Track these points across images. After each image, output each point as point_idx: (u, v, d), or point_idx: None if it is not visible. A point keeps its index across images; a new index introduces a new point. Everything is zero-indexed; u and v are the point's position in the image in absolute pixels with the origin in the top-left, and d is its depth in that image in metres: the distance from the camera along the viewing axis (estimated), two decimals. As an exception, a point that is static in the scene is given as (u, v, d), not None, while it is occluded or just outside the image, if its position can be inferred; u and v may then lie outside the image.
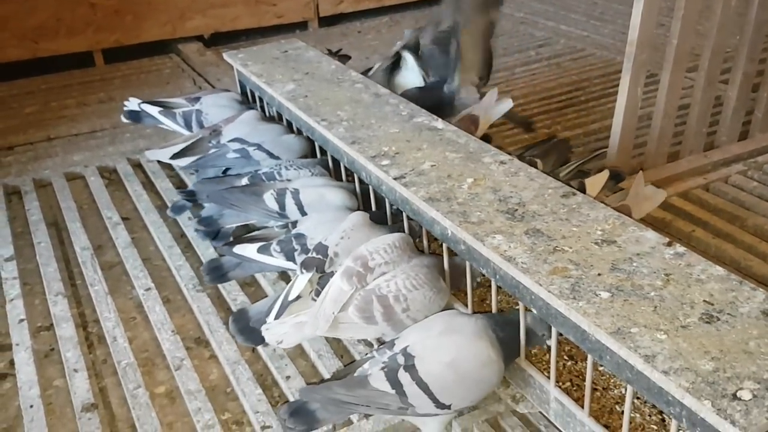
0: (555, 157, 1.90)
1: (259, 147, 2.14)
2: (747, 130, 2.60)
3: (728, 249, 1.98)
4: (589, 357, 1.20)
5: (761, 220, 2.11)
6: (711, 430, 0.96)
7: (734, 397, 0.95)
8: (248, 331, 1.64)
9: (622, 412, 1.23)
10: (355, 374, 1.35)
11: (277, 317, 1.59)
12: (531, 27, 4.12)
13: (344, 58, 2.73)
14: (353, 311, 1.49)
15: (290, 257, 1.70)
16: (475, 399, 1.37)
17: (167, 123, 2.47)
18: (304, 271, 1.62)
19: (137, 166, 2.72)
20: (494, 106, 2.23)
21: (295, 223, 1.82)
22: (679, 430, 1.07)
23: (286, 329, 1.54)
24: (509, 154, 1.73)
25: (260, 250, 1.74)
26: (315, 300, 1.55)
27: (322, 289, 1.54)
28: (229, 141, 2.20)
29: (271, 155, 2.12)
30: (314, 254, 1.65)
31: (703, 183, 2.32)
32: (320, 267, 1.62)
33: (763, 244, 2.00)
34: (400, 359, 1.32)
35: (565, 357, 1.50)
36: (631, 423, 1.32)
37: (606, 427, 1.30)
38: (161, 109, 2.47)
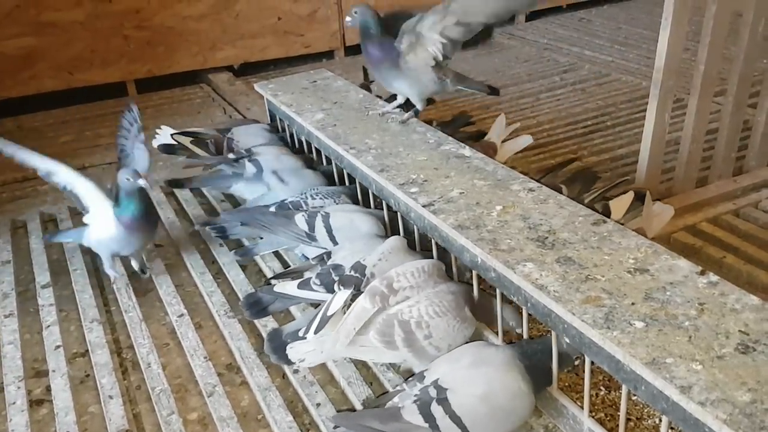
0: (580, 186, 1.90)
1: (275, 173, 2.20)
2: (776, 155, 2.58)
3: (760, 275, 1.96)
4: (624, 387, 1.19)
5: (794, 246, 2.08)
6: (750, 463, 0.95)
7: (773, 429, 0.94)
8: (282, 349, 1.66)
9: (658, 442, 1.22)
10: (387, 406, 1.35)
11: (316, 332, 1.60)
12: (555, 53, 4.14)
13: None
14: (374, 335, 1.50)
15: (330, 289, 1.72)
16: (507, 431, 1.37)
17: (200, 153, 2.52)
18: (342, 287, 1.64)
19: (170, 194, 2.78)
20: (514, 141, 2.26)
21: (329, 255, 1.85)
22: (716, 462, 1.06)
23: (310, 348, 1.56)
24: (537, 180, 1.74)
25: (300, 286, 1.76)
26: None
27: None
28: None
29: (282, 181, 2.19)
30: (352, 272, 1.68)
31: (733, 208, 2.31)
32: (358, 285, 1.65)
33: (796, 270, 1.98)
34: (432, 392, 1.32)
35: (600, 386, 1.49)
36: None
37: (641, 458, 1.29)
38: (193, 139, 2.52)
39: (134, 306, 2.05)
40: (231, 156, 2.37)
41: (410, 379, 1.41)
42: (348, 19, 2.03)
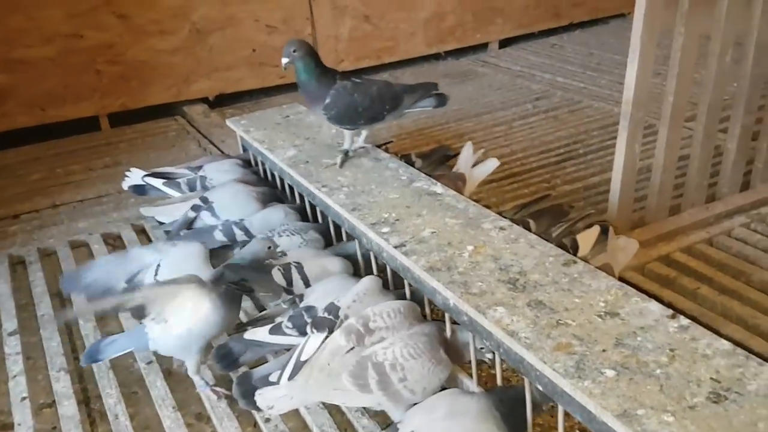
0: (548, 221, 1.90)
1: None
2: (748, 181, 2.60)
3: (735, 306, 1.96)
4: (560, 409, 1.17)
5: (767, 275, 2.08)
6: None
7: (746, 484, 0.92)
8: (251, 394, 1.61)
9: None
10: None
11: (290, 378, 1.57)
12: (528, 80, 4.17)
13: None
14: (347, 377, 1.47)
15: (303, 332, 1.68)
16: None
17: (172, 193, 2.48)
18: (314, 331, 1.61)
19: (141, 232, 2.73)
20: (481, 165, 2.26)
21: (301, 297, 1.82)
22: None
23: (280, 394, 1.53)
24: (506, 217, 1.73)
25: (272, 332, 1.71)
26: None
27: None
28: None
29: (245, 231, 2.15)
30: (326, 314, 1.65)
31: (707, 237, 2.31)
32: (332, 328, 1.61)
33: (770, 299, 1.98)
34: None
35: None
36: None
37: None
38: (165, 180, 2.49)
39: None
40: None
41: (385, 428, 1.38)
42: (285, 60, 1.98)
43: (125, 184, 2.54)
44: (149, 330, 1.73)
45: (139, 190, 2.53)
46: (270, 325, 1.74)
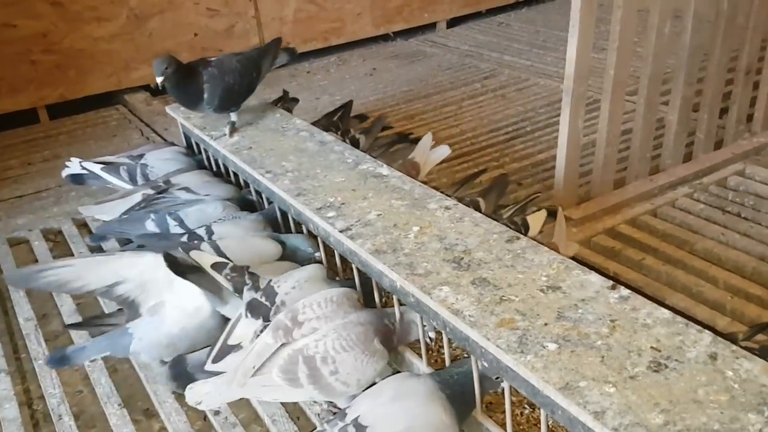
0: (496, 193, 1.90)
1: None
2: (691, 152, 2.65)
3: (679, 275, 1.99)
4: (542, 410, 1.17)
5: (710, 244, 2.13)
6: (665, 485, 0.95)
7: (685, 451, 0.93)
8: (184, 377, 1.59)
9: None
10: None
11: (214, 362, 1.53)
12: (476, 59, 4.17)
13: (293, 102, 2.72)
14: (277, 372, 1.43)
15: (239, 290, 1.62)
16: None
17: (111, 180, 2.41)
18: (249, 315, 1.57)
19: (83, 226, 2.64)
20: (432, 152, 2.25)
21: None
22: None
23: (208, 389, 1.50)
24: (450, 196, 1.72)
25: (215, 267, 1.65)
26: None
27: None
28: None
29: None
30: (262, 298, 1.60)
31: (651, 208, 2.35)
32: (266, 315, 1.57)
33: (713, 268, 2.02)
34: (352, 431, 1.27)
35: (525, 404, 1.48)
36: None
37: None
38: (104, 165, 2.41)
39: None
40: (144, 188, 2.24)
41: (332, 418, 1.36)
42: (160, 78, 2.05)
43: (64, 173, 2.46)
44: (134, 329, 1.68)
45: (78, 179, 2.44)
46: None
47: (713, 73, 2.55)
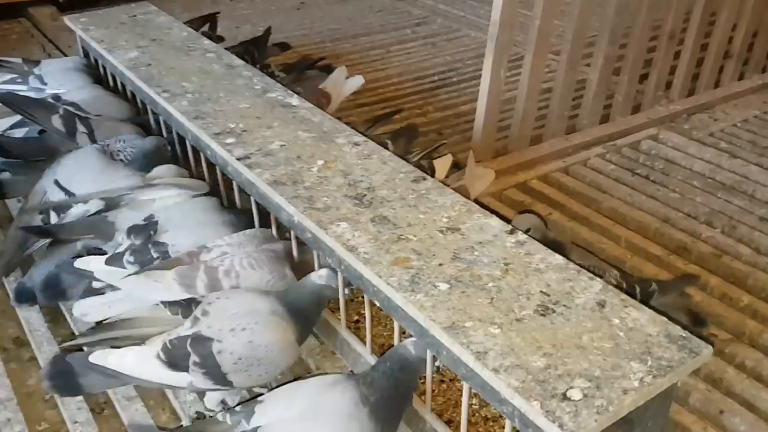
0: (405, 139, 1.84)
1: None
2: (608, 114, 2.66)
3: (583, 232, 2.00)
4: (429, 352, 1.13)
5: (616, 203, 2.15)
6: None
7: (564, 397, 0.91)
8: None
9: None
10: None
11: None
12: (409, 4, 4.05)
13: (219, 40, 2.52)
14: (173, 275, 1.35)
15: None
16: None
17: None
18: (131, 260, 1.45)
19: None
20: (345, 83, 2.15)
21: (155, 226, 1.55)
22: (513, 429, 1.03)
23: (98, 302, 1.42)
24: (363, 134, 1.64)
25: (109, 262, 1.46)
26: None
27: None
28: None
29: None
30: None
31: (563, 166, 2.35)
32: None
33: (617, 226, 2.04)
34: None
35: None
36: (473, 416, 1.29)
37: (449, 422, 1.25)
38: None
39: None
40: None
41: (236, 413, 1.16)
42: None
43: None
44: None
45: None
46: (108, 255, 1.52)
47: (637, 34, 2.54)
